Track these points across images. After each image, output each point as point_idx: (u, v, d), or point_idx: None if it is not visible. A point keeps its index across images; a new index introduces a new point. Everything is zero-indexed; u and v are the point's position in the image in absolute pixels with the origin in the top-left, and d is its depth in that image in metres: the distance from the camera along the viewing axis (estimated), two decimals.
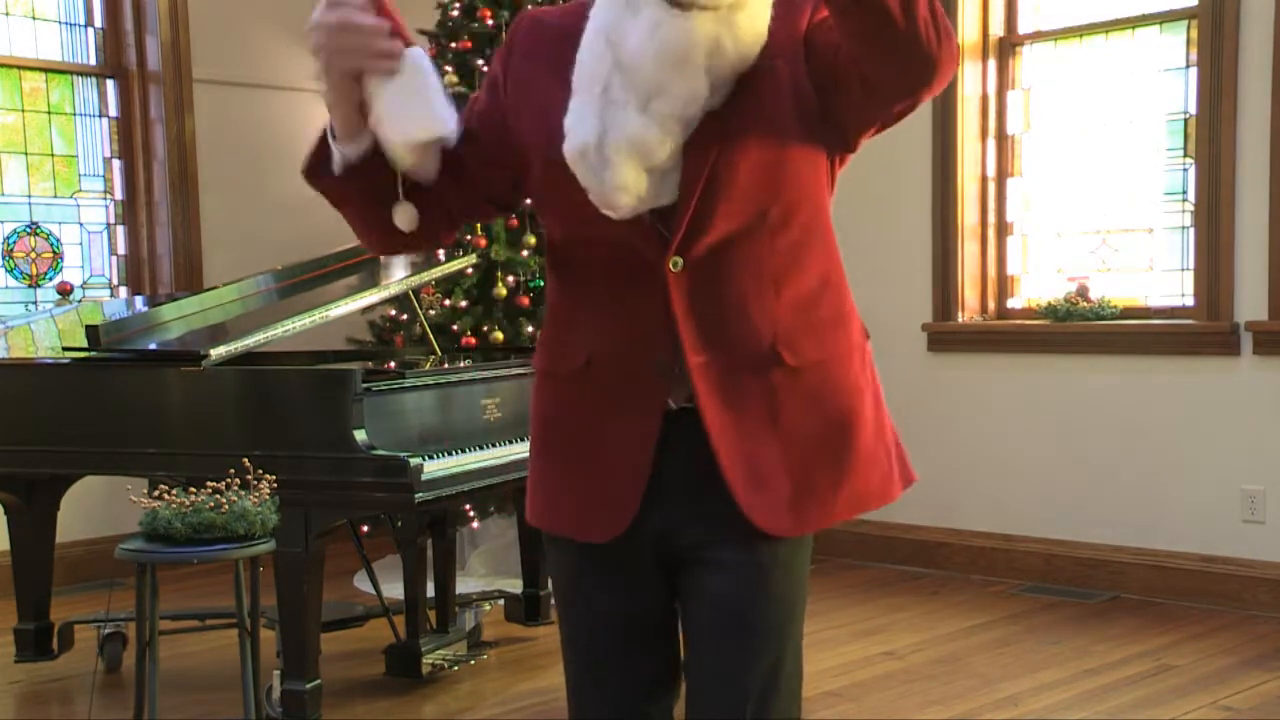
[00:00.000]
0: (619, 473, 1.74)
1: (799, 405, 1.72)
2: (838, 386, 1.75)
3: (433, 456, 3.53)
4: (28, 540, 4.16)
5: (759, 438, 1.70)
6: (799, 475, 1.71)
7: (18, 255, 5.64)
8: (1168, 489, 4.90)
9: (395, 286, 4.32)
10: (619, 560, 1.78)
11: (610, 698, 1.84)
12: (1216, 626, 4.53)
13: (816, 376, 1.73)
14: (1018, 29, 5.39)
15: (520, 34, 1.80)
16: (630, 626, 1.82)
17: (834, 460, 1.74)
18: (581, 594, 1.84)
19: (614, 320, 1.74)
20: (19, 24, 5.64)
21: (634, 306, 1.72)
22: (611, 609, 1.82)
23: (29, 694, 4.11)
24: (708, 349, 1.70)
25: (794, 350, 1.71)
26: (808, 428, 1.72)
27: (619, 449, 1.74)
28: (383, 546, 5.28)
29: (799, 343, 1.72)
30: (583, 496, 1.79)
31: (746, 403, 1.70)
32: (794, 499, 1.71)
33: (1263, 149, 4.62)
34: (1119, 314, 5.07)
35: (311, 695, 3.53)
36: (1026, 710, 3.72)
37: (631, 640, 1.82)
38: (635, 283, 1.71)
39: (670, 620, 1.85)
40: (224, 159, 6.01)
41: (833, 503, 1.74)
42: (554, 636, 4.49)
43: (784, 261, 1.72)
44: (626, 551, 1.77)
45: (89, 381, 3.79)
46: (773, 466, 1.71)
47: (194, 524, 3.07)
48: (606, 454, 1.75)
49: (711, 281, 1.69)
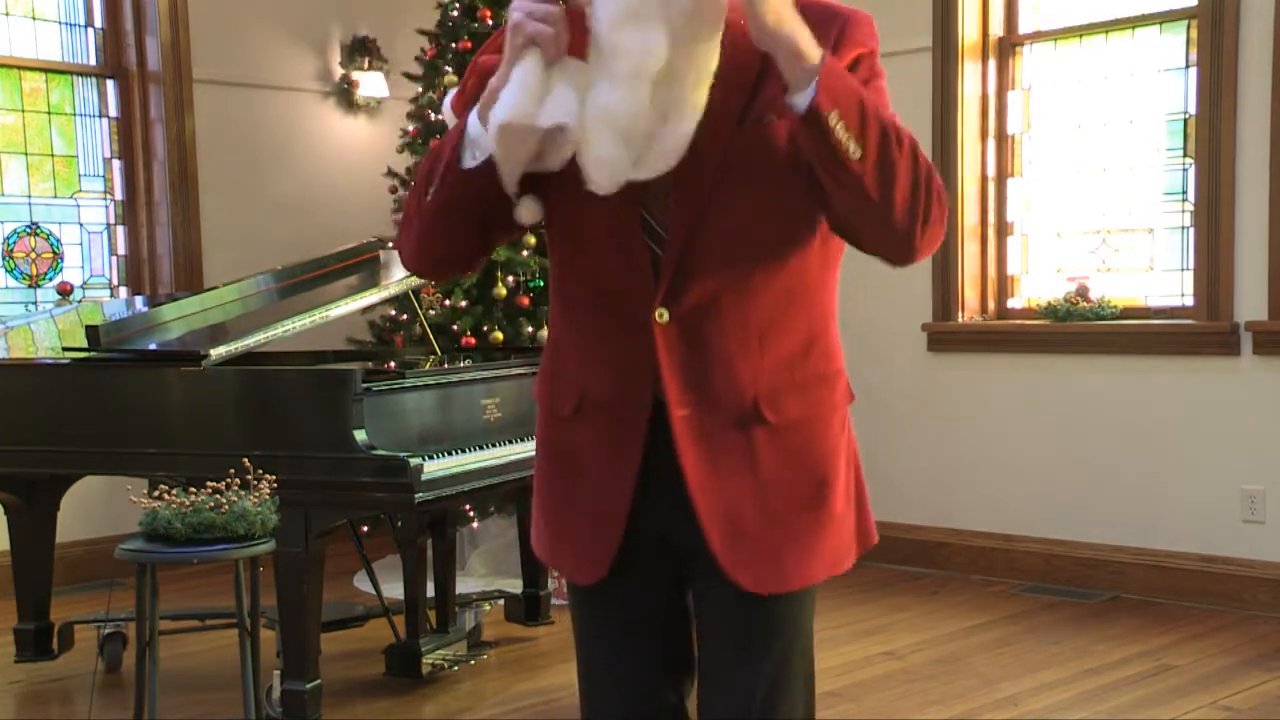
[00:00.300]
0: (598, 520, 1.77)
1: (779, 462, 1.71)
2: (817, 447, 1.74)
3: (433, 456, 3.53)
4: (28, 540, 4.16)
5: (737, 492, 1.70)
6: (777, 534, 1.71)
7: (18, 255, 5.64)
8: (1168, 489, 4.90)
9: (395, 286, 4.31)
10: (622, 572, 1.78)
11: (627, 690, 1.85)
12: (1216, 626, 4.53)
13: (798, 436, 1.73)
14: (1018, 29, 5.39)
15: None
16: (642, 626, 1.84)
17: (811, 520, 1.74)
18: (590, 607, 1.86)
19: (604, 363, 1.75)
20: (19, 24, 5.63)
21: (623, 352, 1.73)
22: (623, 616, 1.84)
23: (29, 694, 4.10)
24: (691, 402, 1.70)
25: (776, 408, 1.71)
26: (786, 485, 1.72)
27: (600, 495, 1.76)
28: (383, 546, 5.28)
29: (782, 401, 1.72)
30: (569, 539, 1.82)
31: (727, 457, 1.70)
32: (772, 556, 1.71)
33: (1263, 149, 4.62)
34: (1119, 314, 5.07)
35: (311, 695, 3.53)
36: (1026, 710, 3.72)
37: (644, 636, 1.84)
38: (624, 328, 1.72)
39: (683, 609, 1.86)
40: (224, 159, 6.00)
41: (809, 563, 1.74)
42: (554, 637, 4.50)
43: (770, 318, 1.70)
44: (630, 563, 1.78)
45: (89, 381, 3.79)
46: (751, 521, 1.71)
47: (194, 524, 3.06)
48: (589, 500, 1.78)
49: (697, 335, 1.69)
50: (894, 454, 5.37)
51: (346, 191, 6.34)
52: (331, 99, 6.40)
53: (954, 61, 5.32)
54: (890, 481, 5.43)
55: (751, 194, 1.66)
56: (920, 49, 5.34)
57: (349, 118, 6.46)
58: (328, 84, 6.38)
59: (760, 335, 1.70)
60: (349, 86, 6.39)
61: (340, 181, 6.38)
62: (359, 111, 6.47)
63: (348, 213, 6.23)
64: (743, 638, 1.76)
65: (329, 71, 6.38)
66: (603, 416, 1.75)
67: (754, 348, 1.70)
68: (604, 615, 1.85)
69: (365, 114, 6.49)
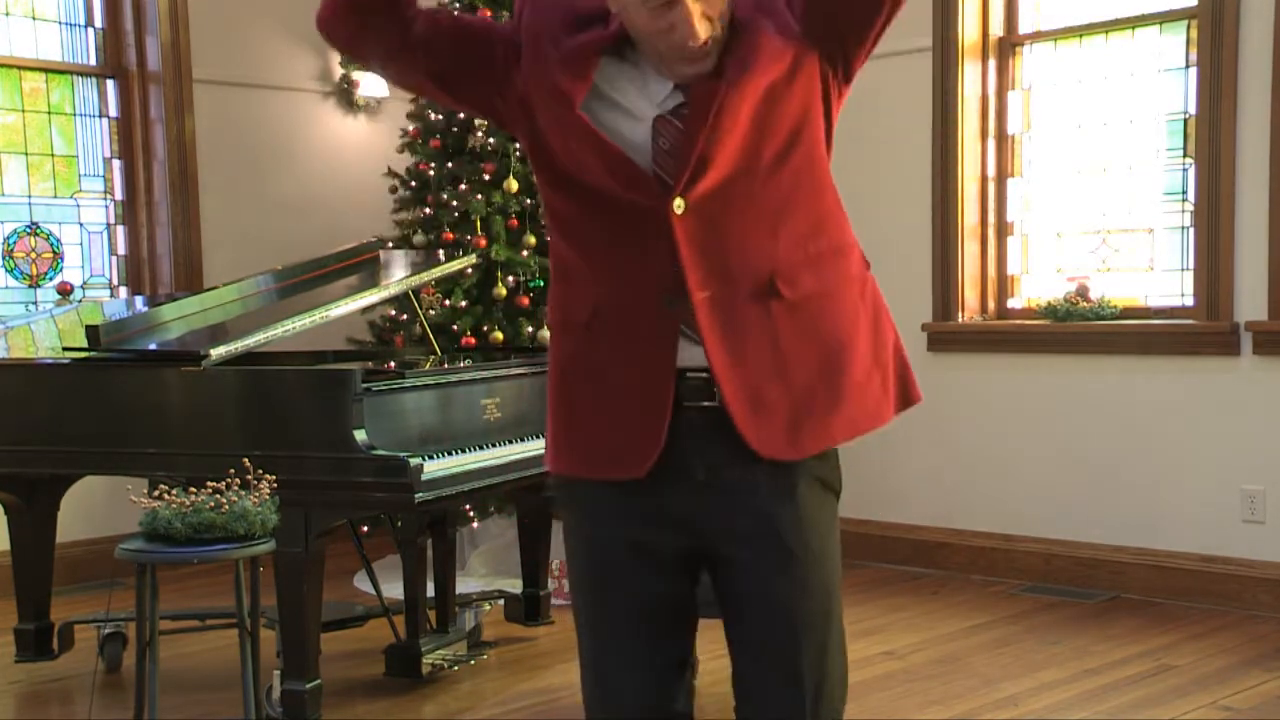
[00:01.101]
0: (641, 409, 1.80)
1: (796, 336, 1.79)
2: (834, 318, 1.82)
3: (433, 456, 3.53)
4: (28, 540, 4.16)
5: (758, 366, 1.77)
6: (795, 401, 1.78)
7: (18, 255, 5.64)
8: (1168, 489, 4.90)
9: (395, 286, 4.31)
10: (642, 544, 1.85)
11: (635, 680, 1.89)
12: (1216, 626, 4.53)
13: (814, 308, 1.80)
14: (1018, 29, 5.39)
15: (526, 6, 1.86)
16: (657, 609, 1.87)
17: (827, 387, 1.80)
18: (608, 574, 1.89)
19: (618, 267, 1.82)
20: (19, 24, 5.64)
21: (638, 251, 1.79)
22: (640, 590, 1.87)
23: (29, 694, 4.10)
24: (710, 284, 1.76)
25: (792, 284, 1.79)
26: (804, 357, 1.79)
27: (638, 388, 1.80)
28: (383, 546, 5.28)
29: (797, 277, 1.79)
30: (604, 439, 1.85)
31: (747, 333, 1.77)
32: (790, 423, 1.78)
33: (1263, 149, 4.62)
34: (1119, 314, 5.07)
35: (311, 695, 3.53)
36: (1026, 710, 3.72)
37: (656, 621, 1.87)
38: (637, 229, 1.77)
39: (689, 608, 1.90)
40: (224, 159, 6.01)
41: (827, 426, 1.81)
42: (553, 636, 4.50)
43: (781, 198, 1.79)
44: (650, 536, 1.84)
45: (89, 381, 3.79)
46: (771, 393, 1.77)
47: (194, 524, 3.07)
48: (625, 393, 1.82)
49: (712, 221, 1.76)
50: (894, 454, 5.36)
51: (346, 191, 6.34)
52: (331, 99, 6.40)
53: (954, 61, 5.32)
54: (890, 481, 5.43)
55: (755, 83, 1.74)
56: (920, 49, 5.34)
57: (349, 118, 6.46)
58: (328, 84, 6.38)
59: (772, 215, 1.78)
60: (349, 86, 6.39)
61: (340, 181, 6.38)
62: (359, 111, 6.47)
63: (348, 213, 6.23)
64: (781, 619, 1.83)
65: (329, 71, 6.38)
66: (623, 316, 1.81)
67: (767, 228, 1.78)
68: (617, 600, 1.88)
69: (365, 114, 6.49)
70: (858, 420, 1.84)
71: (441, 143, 5.47)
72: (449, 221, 5.32)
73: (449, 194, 5.31)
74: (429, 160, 5.48)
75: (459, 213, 5.31)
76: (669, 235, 1.75)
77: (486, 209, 5.26)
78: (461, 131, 5.43)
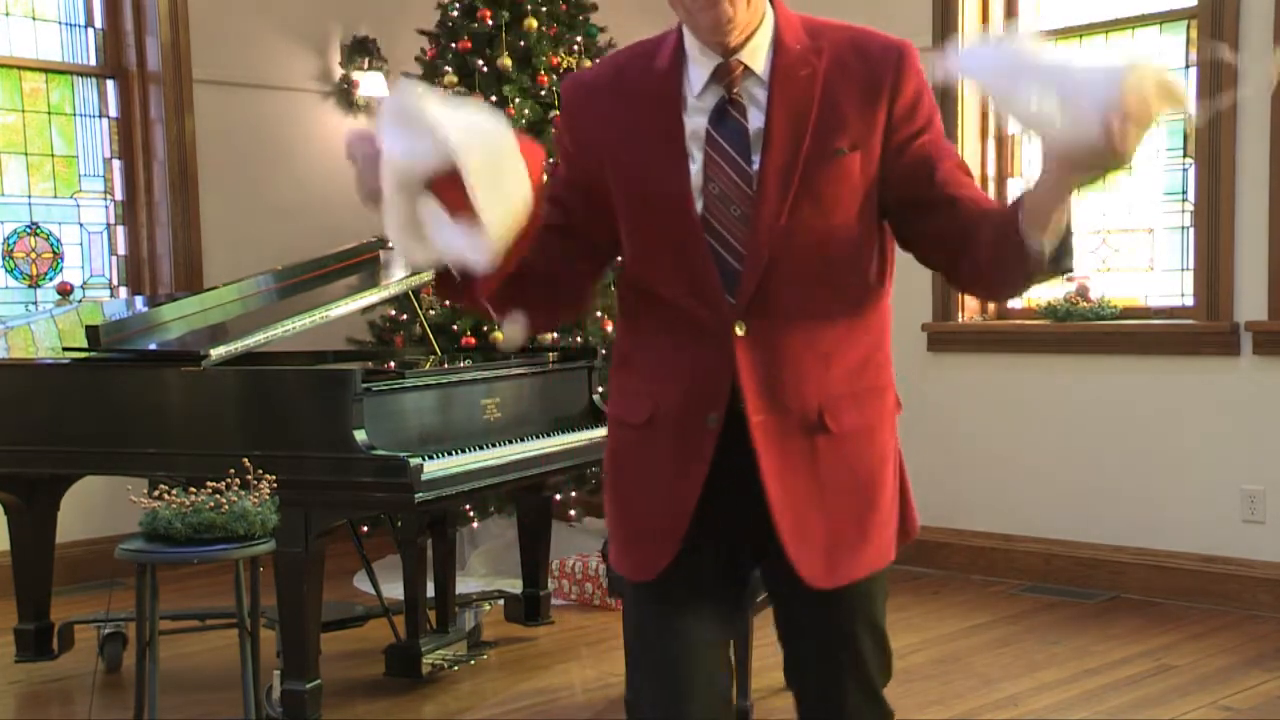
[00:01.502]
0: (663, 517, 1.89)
1: (837, 468, 1.87)
2: (869, 454, 1.90)
3: (433, 456, 3.53)
4: (28, 540, 4.16)
5: (804, 493, 1.86)
6: (832, 531, 1.87)
7: (18, 255, 5.64)
8: (1168, 489, 4.90)
9: (395, 286, 4.31)
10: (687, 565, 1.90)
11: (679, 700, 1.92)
12: (1216, 626, 4.53)
13: (853, 444, 1.89)
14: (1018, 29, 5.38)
15: (572, 101, 1.97)
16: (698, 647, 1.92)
17: (859, 522, 1.90)
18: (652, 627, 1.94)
19: (678, 374, 1.88)
20: (19, 24, 5.64)
21: (698, 362, 1.86)
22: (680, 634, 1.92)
23: (29, 694, 4.10)
24: (765, 410, 1.84)
25: (837, 418, 1.87)
26: (842, 490, 1.88)
27: (667, 496, 1.89)
28: (383, 546, 5.28)
29: (842, 411, 1.87)
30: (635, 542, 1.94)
31: (794, 462, 1.85)
32: (827, 553, 1.87)
33: (1263, 149, 4.62)
34: (1119, 314, 5.07)
35: (311, 695, 3.53)
36: (1026, 710, 3.72)
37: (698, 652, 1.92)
38: (701, 340, 1.85)
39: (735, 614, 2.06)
40: (224, 159, 6.01)
41: (855, 561, 1.90)
42: (554, 637, 4.52)
43: (837, 335, 1.87)
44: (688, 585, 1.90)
45: (89, 381, 3.79)
46: (813, 522, 1.86)
47: (194, 524, 3.07)
48: (658, 503, 1.90)
49: (770, 348, 1.84)
50: None
51: (347, 192, 6.26)
52: (331, 99, 6.40)
53: None
54: None
55: (826, 219, 1.82)
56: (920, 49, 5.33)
57: (349, 118, 6.46)
58: (328, 84, 6.38)
59: (828, 351, 1.86)
60: (349, 86, 6.39)
61: (340, 182, 6.37)
62: (359, 111, 6.47)
63: (348, 213, 6.16)
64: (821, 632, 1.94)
65: (329, 71, 6.38)
66: (675, 425, 1.88)
67: (821, 362, 1.86)
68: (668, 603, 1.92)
69: (365, 114, 6.49)
70: (876, 559, 1.93)
71: None
72: None
73: None
74: None
75: None
76: (730, 354, 1.82)
77: None
78: None
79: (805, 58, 1.83)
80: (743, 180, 1.82)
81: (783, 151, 1.80)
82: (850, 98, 1.82)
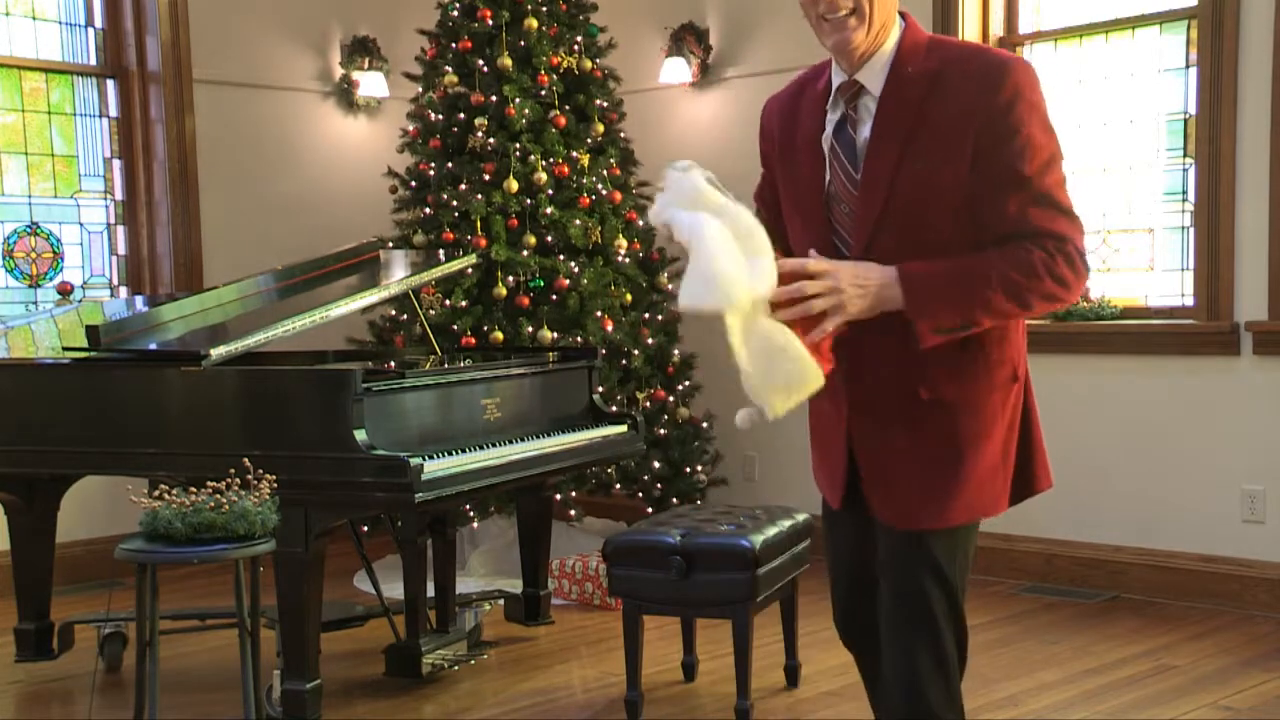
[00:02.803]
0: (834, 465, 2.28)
1: (927, 432, 2.13)
2: (964, 422, 2.13)
3: (433, 456, 3.53)
4: (28, 540, 4.16)
5: (890, 452, 2.15)
6: (914, 484, 2.14)
7: (18, 255, 5.64)
8: (1168, 489, 4.90)
9: (395, 286, 4.31)
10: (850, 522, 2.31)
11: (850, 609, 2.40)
12: (1216, 626, 4.53)
13: (948, 413, 2.12)
14: (1018, 29, 5.39)
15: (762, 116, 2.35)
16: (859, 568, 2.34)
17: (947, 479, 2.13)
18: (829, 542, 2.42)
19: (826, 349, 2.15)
20: (19, 24, 5.64)
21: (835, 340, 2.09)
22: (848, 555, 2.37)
23: (29, 694, 4.10)
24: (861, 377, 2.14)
25: (932, 389, 2.11)
26: (931, 451, 2.13)
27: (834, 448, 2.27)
28: (383, 546, 5.29)
29: (939, 384, 2.11)
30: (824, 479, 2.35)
31: (886, 424, 2.15)
32: (908, 503, 2.15)
33: (1263, 149, 4.62)
34: (1119, 314, 5.07)
35: (311, 695, 3.53)
36: (1026, 710, 3.72)
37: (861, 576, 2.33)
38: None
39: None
40: (224, 159, 6.01)
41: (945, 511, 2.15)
42: (554, 637, 4.53)
43: None
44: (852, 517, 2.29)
45: (89, 381, 3.79)
46: (897, 476, 2.15)
47: (194, 524, 3.06)
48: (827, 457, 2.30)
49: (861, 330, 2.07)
50: None
51: (346, 191, 6.34)
52: (331, 99, 6.40)
53: None
54: None
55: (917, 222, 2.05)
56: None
57: (349, 118, 6.46)
58: (328, 84, 6.38)
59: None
60: (349, 86, 6.39)
61: (340, 181, 6.38)
62: (359, 111, 6.47)
63: (348, 213, 6.24)
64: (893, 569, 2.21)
65: (329, 71, 6.38)
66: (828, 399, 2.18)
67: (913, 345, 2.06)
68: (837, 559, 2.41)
69: (365, 114, 6.50)
70: (973, 509, 2.18)
71: (441, 143, 5.47)
72: (449, 221, 5.32)
73: (449, 194, 5.31)
74: (429, 160, 5.48)
75: (459, 213, 5.31)
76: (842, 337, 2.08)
77: (486, 209, 5.26)
78: (461, 132, 5.44)
79: (916, 80, 2.07)
80: (850, 184, 2.10)
81: (880, 162, 2.05)
82: (950, 118, 2.03)
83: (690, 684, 3.99)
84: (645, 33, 6.19)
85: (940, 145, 2.02)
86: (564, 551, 5.25)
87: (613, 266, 5.42)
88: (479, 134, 5.31)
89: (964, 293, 2.01)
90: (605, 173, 5.47)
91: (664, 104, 6.29)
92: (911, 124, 2.04)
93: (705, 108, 6.20)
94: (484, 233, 5.23)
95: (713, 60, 6.09)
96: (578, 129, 5.48)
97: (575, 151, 5.42)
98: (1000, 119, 2.01)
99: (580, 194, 5.37)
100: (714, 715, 3.74)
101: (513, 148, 5.30)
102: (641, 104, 6.13)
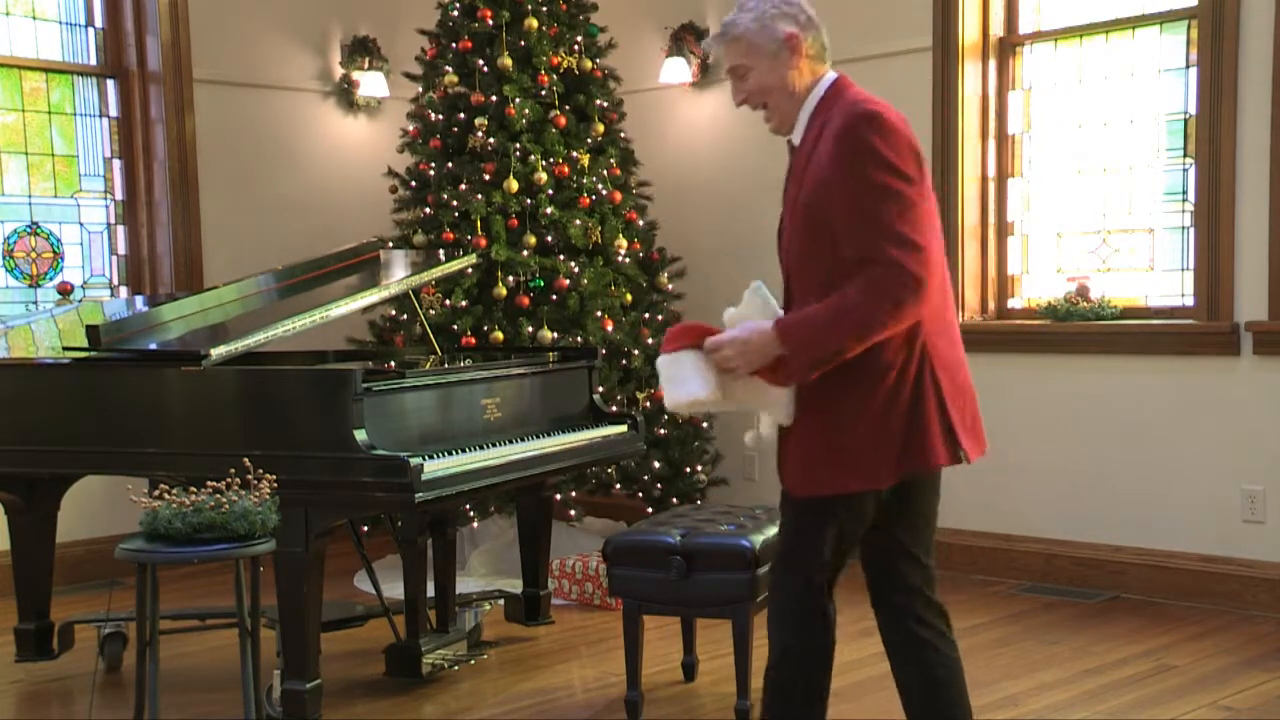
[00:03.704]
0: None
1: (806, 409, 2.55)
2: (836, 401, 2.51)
3: (433, 456, 3.53)
4: (28, 540, 4.16)
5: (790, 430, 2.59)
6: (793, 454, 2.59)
7: (18, 255, 5.64)
8: (1168, 489, 4.90)
9: (395, 286, 4.31)
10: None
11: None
12: (1216, 626, 4.53)
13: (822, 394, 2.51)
14: (1018, 29, 5.39)
15: None
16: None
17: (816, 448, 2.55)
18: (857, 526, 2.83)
19: None
20: (19, 24, 5.64)
21: None
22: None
23: (29, 694, 4.10)
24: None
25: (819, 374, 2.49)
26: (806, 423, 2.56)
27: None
28: (383, 546, 5.29)
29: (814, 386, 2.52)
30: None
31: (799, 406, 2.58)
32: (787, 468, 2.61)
33: (1263, 149, 4.62)
34: (1119, 314, 5.07)
35: (311, 695, 3.53)
36: (1026, 710, 3.72)
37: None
38: None
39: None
40: (224, 159, 6.01)
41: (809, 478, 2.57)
42: (554, 637, 4.52)
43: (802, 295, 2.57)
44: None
45: (89, 381, 3.79)
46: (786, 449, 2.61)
47: (194, 524, 3.06)
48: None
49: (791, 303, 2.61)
50: None
51: (346, 191, 6.34)
52: (331, 99, 6.40)
53: (954, 61, 5.32)
54: None
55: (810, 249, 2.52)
56: (920, 49, 5.34)
57: (349, 118, 6.46)
58: (328, 84, 6.38)
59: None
60: (349, 86, 6.39)
61: (340, 181, 6.38)
62: (359, 111, 6.47)
63: (348, 213, 6.24)
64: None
65: (329, 71, 6.38)
66: None
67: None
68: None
69: (365, 114, 6.50)
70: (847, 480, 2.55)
71: (441, 143, 5.47)
72: (449, 221, 5.32)
73: (449, 194, 5.31)
74: (429, 160, 5.48)
75: (459, 213, 5.31)
76: None
77: (486, 209, 5.26)
78: (461, 132, 5.44)
79: (815, 130, 2.53)
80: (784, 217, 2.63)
81: (787, 199, 2.58)
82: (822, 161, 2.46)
83: (690, 684, 3.99)
84: (645, 33, 6.19)
85: (817, 183, 2.46)
86: (564, 551, 5.25)
87: (613, 266, 5.42)
88: (479, 134, 5.31)
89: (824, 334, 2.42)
90: (605, 173, 5.47)
91: (664, 104, 6.29)
92: (804, 166, 2.52)
93: (705, 108, 6.20)
94: (484, 233, 5.23)
95: (713, 60, 6.09)
96: (578, 129, 5.48)
97: (575, 151, 5.42)
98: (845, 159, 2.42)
99: (580, 194, 5.37)
100: (714, 715, 3.74)
101: (513, 148, 5.30)
102: (641, 104, 6.13)
